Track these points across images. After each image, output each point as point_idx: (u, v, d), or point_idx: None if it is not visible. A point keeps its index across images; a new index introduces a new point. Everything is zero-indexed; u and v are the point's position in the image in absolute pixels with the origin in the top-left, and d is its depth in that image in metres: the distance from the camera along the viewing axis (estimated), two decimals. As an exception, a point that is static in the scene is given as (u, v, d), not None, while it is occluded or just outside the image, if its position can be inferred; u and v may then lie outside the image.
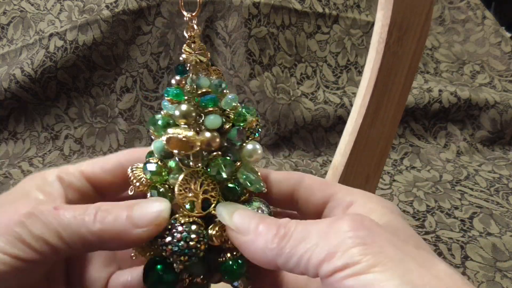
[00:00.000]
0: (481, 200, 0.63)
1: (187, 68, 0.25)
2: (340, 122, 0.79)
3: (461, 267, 0.50)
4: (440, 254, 0.52)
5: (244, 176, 0.24)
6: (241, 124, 0.25)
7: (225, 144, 0.24)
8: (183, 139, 0.22)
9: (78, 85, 0.76)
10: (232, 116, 0.25)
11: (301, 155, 0.77)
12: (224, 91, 0.25)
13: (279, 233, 0.20)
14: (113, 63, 0.77)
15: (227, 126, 0.24)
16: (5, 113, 0.75)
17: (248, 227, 0.22)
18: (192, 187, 0.24)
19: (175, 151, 0.23)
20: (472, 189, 0.67)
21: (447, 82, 0.86)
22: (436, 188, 0.67)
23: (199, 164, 0.24)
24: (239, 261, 0.24)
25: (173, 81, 0.25)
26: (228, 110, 0.25)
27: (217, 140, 0.23)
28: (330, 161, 0.79)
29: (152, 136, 0.25)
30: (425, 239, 0.54)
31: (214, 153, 0.24)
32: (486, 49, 0.89)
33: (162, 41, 0.78)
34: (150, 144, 0.87)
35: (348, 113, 0.62)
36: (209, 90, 0.25)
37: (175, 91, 0.24)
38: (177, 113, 0.23)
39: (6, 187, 0.64)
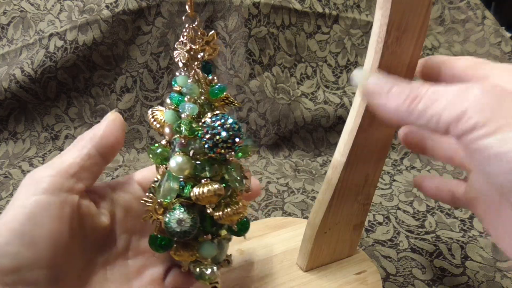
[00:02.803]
0: (481, 200, 0.63)
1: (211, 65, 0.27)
2: (340, 122, 0.79)
3: (461, 267, 0.50)
4: (440, 254, 0.52)
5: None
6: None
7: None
8: (212, 194, 0.25)
9: (78, 85, 0.76)
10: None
11: (301, 155, 0.77)
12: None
13: (411, 95, 0.22)
14: (113, 63, 0.77)
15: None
16: (5, 113, 0.75)
17: (382, 88, 0.23)
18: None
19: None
20: (472, 189, 0.67)
21: (447, 82, 0.86)
22: (436, 188, 0.67)
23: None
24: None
25: (190, 80, 0.27)
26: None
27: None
28: (330, 161, 0.79)
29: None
30: (425, 239, 0.54)
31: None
32: (486, 49, 0.89)
33: (162, 41, 0.78)
34: (149, 145, 0.86)
35: (348, 113, 0.62)
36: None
37: (191, 87, 0.26)
38: (172, 164, 0.26)
39: (6, 187, 0.64)
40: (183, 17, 0.26)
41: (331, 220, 0.40)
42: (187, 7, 0.26)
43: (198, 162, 0.26)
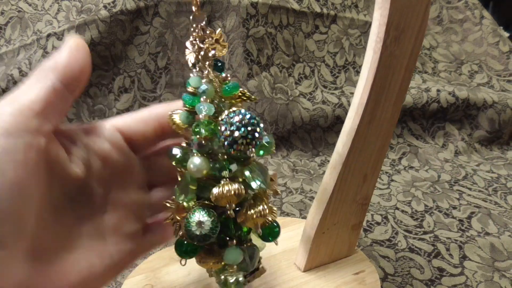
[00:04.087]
0: (479, 200, 0.63)
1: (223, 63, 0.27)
2: (338, 122, 0.79)
3: (459, 267, 0.50)
4: (438, 254, 0.52)
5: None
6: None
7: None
8: (232, 194, 0.24)
9: (76, 85, 0.76)
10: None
11: (299, 155, 0.77)
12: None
13: None
14: (111, 63, 0.77)
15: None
16: (3, 113, 0.75)
17: None
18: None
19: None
20: (470, 189, 0.67)
21: (445, 82, 0.86)
22: (434, 188, 0.67)
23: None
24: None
25: (204, 80, 0.27)
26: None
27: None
28: (329, 161, 0.79)
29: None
30: (423, 239, 0.54)
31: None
32: (484, 48, 0.89)
33: (160, 41, 0.78)
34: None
35: (346, 113, 0.62)
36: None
37: (206, 87, 0.26)
38: (190, 165, 0.25)
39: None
40: (191, 17, 0.26)
41: (330, 220, 0.40)
42: (193, 7, 0.26)
43: (217, 163, 0.25)
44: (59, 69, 0.23)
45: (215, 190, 0.24)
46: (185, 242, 0.26)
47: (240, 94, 0.27)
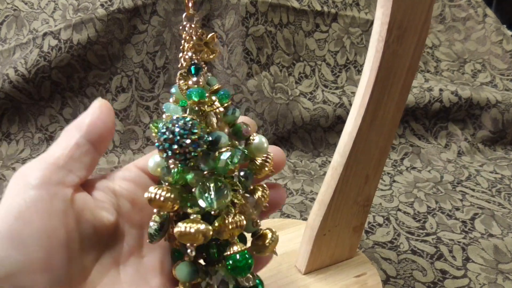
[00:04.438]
0: (483, 201, 0.63)
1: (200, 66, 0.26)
2: (339, 122, 0.79)
3: (463, 269, 0.50)
4: (441, 256, 0.52)
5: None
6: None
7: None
8: (196, 233, 0.23)
9: (73, 85, 0.76)
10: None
11: (299, 155, 0.77)
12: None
13: None
14: (108, 63, 0.77)
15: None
16: (-2, 113, 0.75)
17: None
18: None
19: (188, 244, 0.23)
20: (473, 189, 0.67)
21: (448, 81, 0.86)
22: (437, 189, 0.67)
23: None
24: (247, 255, 0.24)
25: (190, 82, 0.26)
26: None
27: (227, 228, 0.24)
28: (330, 162, 0.79)
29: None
30: (426, 241, 0.54)
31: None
32: (487, 47, 0.89)
33: (158, 40, 0.77)
34: (145, 146, 0.85)
35: (347, 113, 0.62)
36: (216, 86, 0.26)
37: (200, 92, 0.25)
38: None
39: (0, 189, 0.64)
40: (183, 16, 0.26)
41: (331, 222, 0.40)
42: (189, 5, 0.26)
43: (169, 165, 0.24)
44: (82, 127, 0.25)
45: (179, 227, 0.23)
46: (177, 249, 0.26)
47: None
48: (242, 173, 0.25)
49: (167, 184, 0.24)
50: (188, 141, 0.22)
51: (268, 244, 0.26)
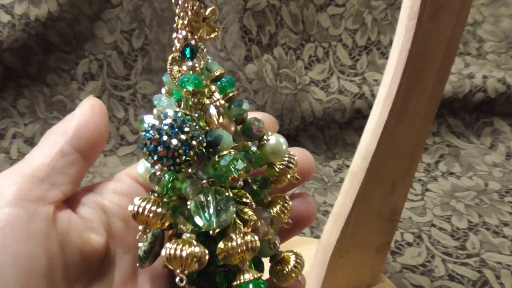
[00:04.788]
0: (536, 214, 0.64)
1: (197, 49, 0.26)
2: (359, 116, 0.79)
3: (512, 298, 0.50)
4: (486, 282, 0.52)
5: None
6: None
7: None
8: (188, 257, 0.22)
9: (30, 70, 0.76)
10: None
11: (310, 158, 0.77)
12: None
13: None
14: (74, 44, 0.77)
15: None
16: None
17: None
18: None
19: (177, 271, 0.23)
20: (525, 200, 0.67)
21: (493, 66, 0.86)
22: (480, 200, 0.67)
23: None
24: (262, 285, 0.24)
25: (185, 67, 0.25)
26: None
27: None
28: (347, 166, 0.80)
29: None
30: (466, 264, 0.54)
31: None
32: (542, 24, 0.89)
33: (136, 16, 0.78)
34: (119, 146, 0.85)
35: (369, 105, 0.62)
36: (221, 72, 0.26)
37: (195, 79, 0.25)
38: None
39: None
40: None
41: (349, 240, 0.40)
42: None
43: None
44: (69, 131, 0.25)
45: (166, 249, 0.23)
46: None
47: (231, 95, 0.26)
48: (255, 182, 0.25)
49: (155, 195, 0.24)
50: (175, 141, 0.22)
51: (291, 271, 0.26)
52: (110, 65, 0.78)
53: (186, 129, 0.22)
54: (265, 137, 0.26)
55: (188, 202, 0.24)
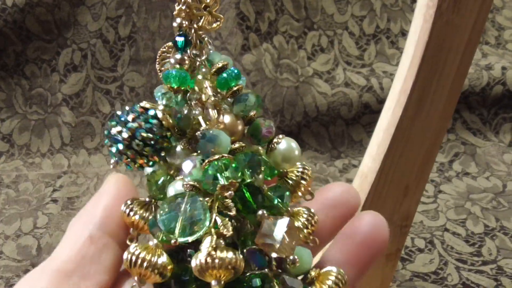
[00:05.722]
0: (559, 218, 0.64)
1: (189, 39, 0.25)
2: (366, 111, 0.79)
3: (533, 310, 0.50)
4: (504, 292, 0.52)
5: None
6: None
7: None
8: (223, 264, 0.21)
9: (6, 61, 0.76)
10: None
11: (313, 157, 0.77)
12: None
13: None
14: (55, 32, 0.76)
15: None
16: None
17: None
18: None
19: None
20: (546, 203, 0.67)
21: (512, 57, 0.87)
22: (498, 202, 0.67)
23: None
24: None
25: (172, 60, 0.25)
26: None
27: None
28: (353, 166, 0.80)
29: None
30: (482, 272, 0.54)
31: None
32: None
33: (122, 2, 0.77)
34: (104, 143, 0.86)
35: (377, 99, 0.61)
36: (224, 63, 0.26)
37: (179, 75, 0.24)
38: None
39: None
40: None
41: (358, 248, 0.40)
42: None
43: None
44: (96, 215, 0.25)
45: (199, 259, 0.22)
46: None
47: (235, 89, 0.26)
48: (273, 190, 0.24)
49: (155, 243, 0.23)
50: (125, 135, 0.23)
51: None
52: (94, 55, 0.78)
53: (133, 124, 0.23)
54: (274, 140, 0.25)
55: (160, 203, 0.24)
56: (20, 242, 0.61)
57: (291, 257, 0.22)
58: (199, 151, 0.24)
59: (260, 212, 0.23)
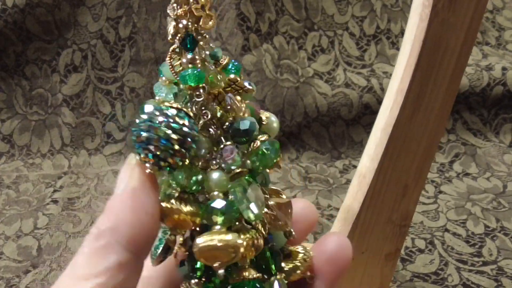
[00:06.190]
0: (560, 218, 0.64)
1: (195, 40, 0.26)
2: (367, 112, 0.79)
3: (533, 310, 0.50)
4: (504, 292, 0.52)
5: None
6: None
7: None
8: (222, 248, 0.22)
9: (7, 62, 0.76)
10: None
11: (313, 157, 0.77)
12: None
13: None
14: (55, 32, 0.77)
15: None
16: None
17: None
18: None
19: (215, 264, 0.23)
20: (547, 203, 0.67)
21: (513, 57, 0.87)
22: (498, 203, 0.67)
23: None
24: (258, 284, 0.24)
25: (184, 61, 0.25)
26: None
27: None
28: (354, 166, 0.80)
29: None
30: (483, 272, 0.54)
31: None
32: None
33: (123, 2, 0.77)
34: (105, 144, 0.85)
35: (378, 100, 0.62)
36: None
37: (197, 74, 0.25)
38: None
39: None
40: None
41: (356, 247, 0.40)
42: None
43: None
44: (123, 230, 0.21)
45: (200, 240, 0.23)
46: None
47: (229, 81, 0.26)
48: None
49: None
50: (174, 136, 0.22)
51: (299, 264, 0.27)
52: (94, 56, 0.78)
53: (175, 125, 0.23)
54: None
55: (215, 194, 0.24)
56: (21, 243, 0.61)
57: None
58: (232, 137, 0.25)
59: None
